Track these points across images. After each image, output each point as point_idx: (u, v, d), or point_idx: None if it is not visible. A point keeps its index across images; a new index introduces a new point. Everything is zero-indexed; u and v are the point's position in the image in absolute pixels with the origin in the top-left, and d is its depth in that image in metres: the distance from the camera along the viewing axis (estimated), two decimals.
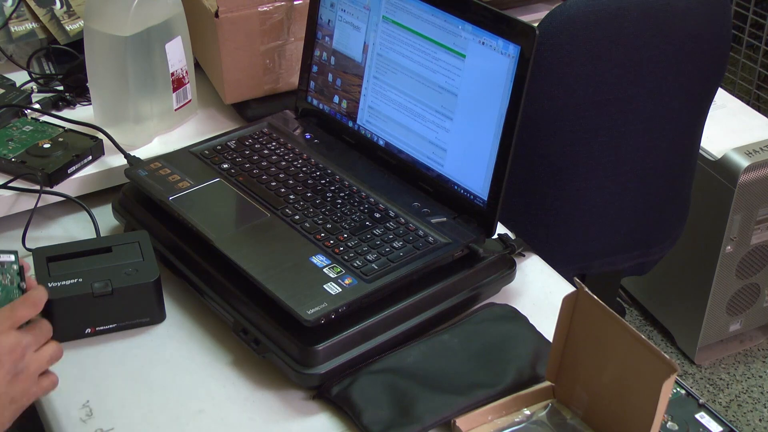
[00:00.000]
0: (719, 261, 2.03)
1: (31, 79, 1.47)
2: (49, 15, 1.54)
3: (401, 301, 1.04)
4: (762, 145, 1.95)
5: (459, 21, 1.10)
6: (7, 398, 0.83)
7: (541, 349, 1.03)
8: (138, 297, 1.05)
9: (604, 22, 1.39)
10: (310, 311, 0.97)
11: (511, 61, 1.06)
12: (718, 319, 2.15)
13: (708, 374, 2.22)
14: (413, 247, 1.08)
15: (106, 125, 1.33)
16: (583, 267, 1.63)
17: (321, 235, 1.09)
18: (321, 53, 1.29)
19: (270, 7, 1.36)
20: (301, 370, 0.98)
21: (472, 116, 1.11)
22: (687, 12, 1.44)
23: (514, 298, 1.14)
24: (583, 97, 1.43)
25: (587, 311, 0.92)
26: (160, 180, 1.18)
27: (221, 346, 1.06)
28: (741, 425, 2.09)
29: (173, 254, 1.13)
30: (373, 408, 0.95)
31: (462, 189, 1.14)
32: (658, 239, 1.67)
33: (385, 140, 1.23)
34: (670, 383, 0.83)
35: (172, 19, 1.34)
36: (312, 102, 1.32)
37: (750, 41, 2.61)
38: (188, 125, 1.43)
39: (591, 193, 1.53)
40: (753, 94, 2.65)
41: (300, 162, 1.23)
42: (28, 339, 0.86)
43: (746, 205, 1.97)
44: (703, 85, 1.54)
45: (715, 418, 0.96)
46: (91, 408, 0.98)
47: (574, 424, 0.96)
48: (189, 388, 1.01)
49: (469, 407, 0.96)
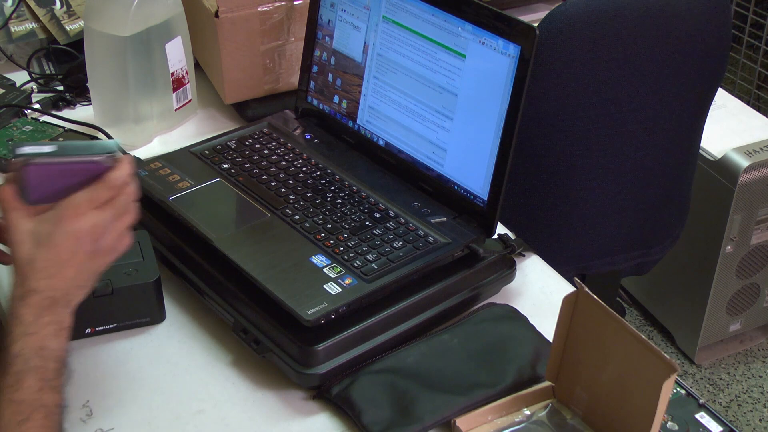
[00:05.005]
0: (719, 261, 2.03)
1: (31, 79, 1.47)
2: (49, 15, 1.54)
3: (401, 301, 1.04)
4: (762, 145, 1.95)
5: (459, 21, 1.10)
6: (90, 273, 0.90)
7: (541, 349, 1.03)
8: (138, 297, 1.05)
9: (603, 22, 1.39)
10: (310, 311, 0.97)
11: (511, 61, 1.06)
12: (718, 319, 2.15)
13: (708, 374, 2.22)
14: (413, 247, 1.08)
15: (106, 125, 1.33)
16: (583, 267, 1.63)
17: (321, 235, 1.09)
18: (321, 53, 1.29)
19: (270, 7, 1.36)
20: (301, 370, 0.98)
21: (472, 116, 1.11)
22: (687, 12, 1.44)
23: (514, 298, 1.14)
24: (583, 96, 1.43)
25: (587, 311, 0.92)
26: (160, 180, 1.18)
27: (221, 346, 1.06)
28: (741, 425, 2.09)
29: (173, 254, 1.12)
30: (373, 408, 0.95)
31: (462, 189, 1.14)
32: (658, 239, 1.67)
33: (385, 140, 1.23)
34: (670, 383, 0.83)
35: (172, 19, 1.34)
36: (312, 102, 1.32)
37: (750, 41, 2.61)
38: (188, 125, 1.43)
39: (591, 193, 1.53)
40: (753, 94, 2.65)
41: (300, 162, 1.23)
42: (107, 218, 0.89)
43: (746, 205, 1.97)
44: (703, 85, 1.54)
45: (715, 418, 0.96)
46: (91, 408, 0.98)
47: (574, 424, 0.96)
48: (189, 388, 1.01)
49: (469, 407, 0.96)
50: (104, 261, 0.91)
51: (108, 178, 0.90)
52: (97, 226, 0.89)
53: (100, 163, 0.91)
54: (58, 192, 0.90)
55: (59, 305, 0.87)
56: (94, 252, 0.89)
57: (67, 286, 0.88)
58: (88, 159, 0.91)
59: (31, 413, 0.82)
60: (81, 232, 0.88)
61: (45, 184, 0.90)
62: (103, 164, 0.91)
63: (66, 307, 0.88)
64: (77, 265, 0.88)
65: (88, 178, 0.90)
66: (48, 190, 0.90)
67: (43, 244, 0.87)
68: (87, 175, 0.90)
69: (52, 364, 0.85)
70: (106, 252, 0.91)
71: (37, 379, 0.83)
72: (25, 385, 0.83)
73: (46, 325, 0.86)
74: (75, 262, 0.88)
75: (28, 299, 0.86)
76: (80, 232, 0.88)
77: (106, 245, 0.90)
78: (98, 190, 0.90)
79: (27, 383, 0.83)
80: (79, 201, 0.89)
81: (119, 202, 0.91)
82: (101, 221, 0.89)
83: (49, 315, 0.86)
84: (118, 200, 0.91)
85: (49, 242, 0.87)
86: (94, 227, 0.89)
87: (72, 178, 0.90)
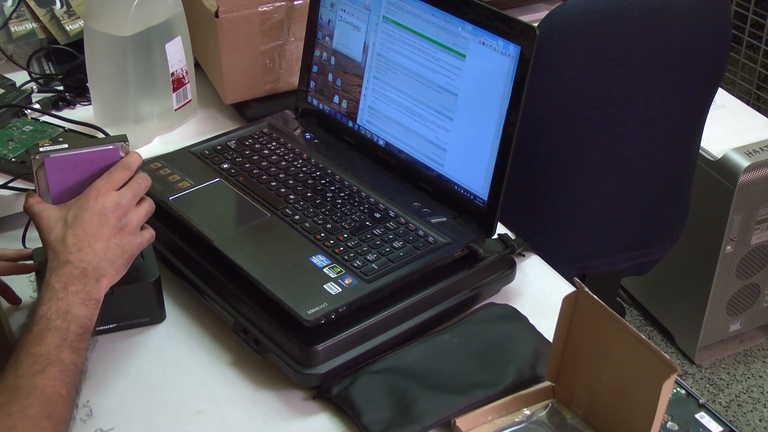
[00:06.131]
0: (719, 261, 2.03)
1: (31, 79, 1.47)
2: (49, 15, 1.54)
3: (401, 301, 1.04)
4: (762, 145, 1.95)
5: (459, 21, 1.10)
6: (118, 249, 0.96)
7: (541, 349, 1.03)
8: (138, 297, 1.05)
9: (604, 22, 1.39)
10: (310, 311, 0.97)
11: (511, 61, 1.06)
12: (718, 319, 2.15)
13: (708, 374, 2.22)
14: (413, 247, 1.08)
15: (106, 125, 1.33)
16: (583, 267, 1.63)
17: (321, 235, 1.09)
18: (321, 53, 1.29)
19: (270, 7, 1.36)
20: (301, 370, 0.98)
21: (472, 116, 1.11)
22: (687, 12, 1.44)
23: (514, 298, 1.14)
24: (583, 97, 1.43)
25: (587, 311, 0.92)
26: (160, 180, 1.18)
27: (221, 346, 1.06)
28: (741, 425, 2.09)
29: (173, 254, 1.13)
30: (373, 408, 0.95)
31: (462, 189, 1.14)
32: (658, 239, 1.67)
33: (385, 140, 1.23)
34: (670, 383, 0.83)
35: (172, 19, 1.34)
36: (312, 102, 1.32)
37: (750, 41, 2.61)
38: (188, 125, 1.43)
39: (591, 193, 1.53)
40: (753, 94, 2.65)
41: (300, 162, 1.23)
42: (128, 196, 0.98)
43: (746, 205, 1.97)
44: (703, 85, 1.54)
45: (715, 418, 0.96)
46: (91, 408, 0.98)
47: (574, 424, 0.96)
48: (189, 388, 1.01)
49: (469, 407, 0.96)
50: (131, 241, 0.98)
51: (122, 161, 0.99)
52: (119, 204, 0.97)
53: (112, 149, 0.99)
54: (77, 184, 0.98)
55: (89, 277, 0.93)
56: (120, 228, 0.97)
57: (97, 259, 0.94)
58: (101, 147, 0.99)
59: (47, 365, 0.86)
60: (105, 208, 0.96)
61: (63, 176, 0.98)
62: (115, 150, 1.00)
63: (97, 280, 0.94)
64: (105, 240, 0.95)
65: (103, 165, 0.99)
66: (67, 182, 0.98)
67: (72, 224, 0.95)
68: (102, 162, 0.99)
69: (75, 328, 0.90)
70: (131, 231, 0.98)
71: (57, 337, 0.89)
72: (44, 341, 0.88)
73: (74, 293, 0.92)
74: (103, 236, 0.95)
75: (59, 270, 0.93)
76: (105, 209, 0.96)
77: (130, 223, 0.98)
78: (115, 173, 0.99)
79: (47, 339, 0.88)
80: (100, 184, 0.97)
81: (136, 182, 1.00)
82: (123, 200, 0.98)
83: (78, 284, 0.92)
84: (135, 180, 1.00)
85: (77, 221, 0.95)
86: (117, 204, 0.97)
87: (88, 166, 0.99)
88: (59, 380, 0.86)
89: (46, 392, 0.85)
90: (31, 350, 0.87)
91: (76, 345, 0.89)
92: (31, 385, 0.85)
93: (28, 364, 0.86)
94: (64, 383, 0.86)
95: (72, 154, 0.98)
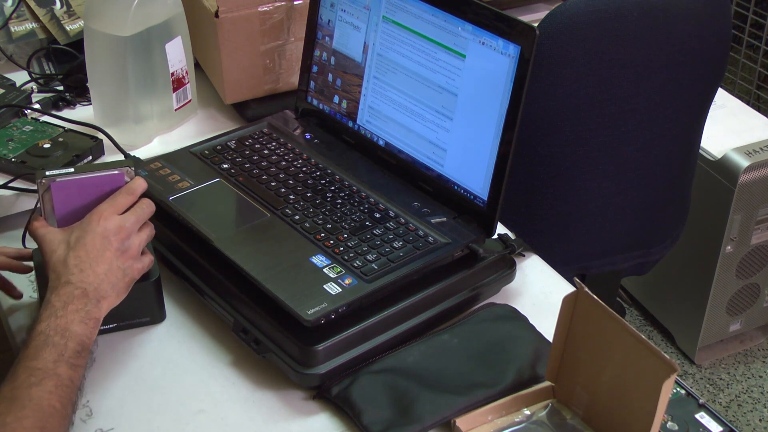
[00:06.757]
0: (719, 261, 2.03)
1: (31, 79, 1.47)
2: (49, 15, 1.54)
3: (401, 301, 1.04)
4: (762, 145, 1.95)
5: (459, 21, 1.10)
6: (120, 272, 0.97)
7: (541, 349, 1.03)
8: (138, 297, 1.05)
9: (604, 22, 1.39)
10: (310, 311, 0.97)
11: (511, 61, 1.06)
12: (718, 319, 2.15)
13: (708, 374, 2.22)
14: (413, 247, 1.08)
15: (106, 125, 1.33)
16: (583, 267, 1.63)
17: (321, 235, 1.09)
18: (321, 53, 1.29)
19: (270, 7, 1.36)
20: (301, 370, 0.98)
21: (472, 116, 1.11)
22: (687, 12, 1.44)
23: (514, 298, 1.14)
24: (583, 96, 1.43)
25: (587, 311, 0.92)
26: (160, 180, 1.18)
27: (221, 346, 1.06)
28: (741, 425, 2.09)
29: (173, 254, 1.13)
30: (373, 408, 0.95)
31: (462, 189, 1.14)
32: (658, 239, 1.67)
33: (385, 140, 1.23)
34: (670, 383, 0.83)
35: (172, 19, 1.34)
36: (312, 102, 1.32)
37: (750, 41, 2.61)
38: (188, 125, 1.43)
39: (591, 193, 1.53)
40: (753, 94, 2.65)
41: (300, 162, 1.23)
42: (131, 220, 0.99)
43: (746, 205, 1.97)
44: (703, 85, 1.54)
45: (715, 418, 0.96)
46: (91, 408, 0.98)
47: (574, 424, 0.96)
48: (189, 388, 1.01)
49: (469, 407, 0.96)
50: (132, 265, 0.99)
51: (127, 186, 1.00)
52: (122, 228, 0.98)
53: (117, 174, 1.01)
54: (82, 208, 0.99)
55: (89, 297, 0.94)
56: (122, 251, 0.98)
57: (98, 281, 0.95)
58: (106, 172, 1.01)
59: (43, 379, 0.87)
60: (108, 231, 0.97)
61: (69, 200, 0.99)
62: (120, 175, 1.01)
63: (98, 301, 0.95)
64: (107, 262, 0.96)
65: (107, 190, 1.00)
66: (71, 205, 0.99)
67: (74, 246, 0.96)
68: (107, 186, 1.00)
69: (73, 344, 0.91)
70: (133, 255, 0.99)
71: (54, 352, 0.89)
72: (42, 356, 0.89)
73: (74, 311, 0.92)
74: (105, 258, 0.96)
75: (59, 290, 0.93)
76: (107, 231, 0.97)
77: (132, 247, 0.99)
78: (119, 197, 1.00)
79: (44, 354, 0.89)
80: (104, 208, 0.98)
81: (140, 207, 1.01)
82: (126, 223, 0.98)
83: (79, 303, 0.93)
84: (138, 205, 1.01)
85: (79, 243, 0.96)
86: (120, 228, 0.98)
87: (93, 190, 1.00)
88: (54, 394, 0.87)
89: (41, 404, 0.85)
90: (28, 364, 0.88)
91: (74, 361, 0.90)
92: (26, 397, 0.85)
93: (24, 377, 0.87)
94: (60, 397, 0.87)
95: (78, 179, 0.99)
